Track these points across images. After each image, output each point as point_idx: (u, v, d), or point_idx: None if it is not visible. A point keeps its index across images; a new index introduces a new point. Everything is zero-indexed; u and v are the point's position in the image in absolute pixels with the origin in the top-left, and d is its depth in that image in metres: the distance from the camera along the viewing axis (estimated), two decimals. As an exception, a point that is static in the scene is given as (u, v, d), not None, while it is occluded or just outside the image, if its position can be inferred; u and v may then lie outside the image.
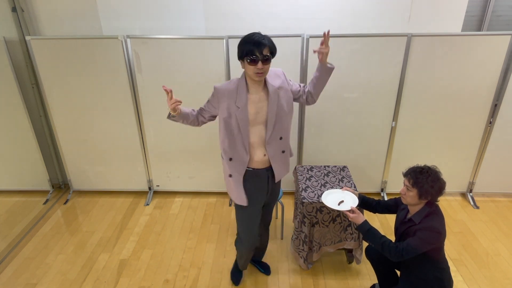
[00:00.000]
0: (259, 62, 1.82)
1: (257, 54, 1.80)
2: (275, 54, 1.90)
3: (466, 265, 2.72)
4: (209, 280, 2.63)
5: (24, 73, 3.36)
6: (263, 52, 1.81)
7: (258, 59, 1.82)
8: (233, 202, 2.35)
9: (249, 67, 1.86)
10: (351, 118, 3.25)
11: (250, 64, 1.84)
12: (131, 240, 3.06)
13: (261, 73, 1.87)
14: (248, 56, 1.82)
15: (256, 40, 1.81)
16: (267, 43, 1.82)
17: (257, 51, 1.80)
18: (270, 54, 1.85)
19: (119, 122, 3.36)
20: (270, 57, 1.86)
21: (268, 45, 1.83)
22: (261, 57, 1.82)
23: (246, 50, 1.82)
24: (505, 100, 3.11)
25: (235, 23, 3.24)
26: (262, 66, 1.84)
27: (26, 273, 2.73)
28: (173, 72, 3.12)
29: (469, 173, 3.47)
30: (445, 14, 3.16)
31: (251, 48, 1.80)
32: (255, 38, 1.82)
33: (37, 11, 3.24)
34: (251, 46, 1.80)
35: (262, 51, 1.81)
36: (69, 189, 3.82)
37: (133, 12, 3.24)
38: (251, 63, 1.83)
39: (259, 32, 1.87)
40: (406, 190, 1.90)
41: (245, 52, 1.82)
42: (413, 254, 1.84)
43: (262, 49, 1.81)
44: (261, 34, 1.85)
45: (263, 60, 1.83)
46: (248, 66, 1.86)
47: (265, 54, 1.82)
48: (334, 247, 2.61)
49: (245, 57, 1.84)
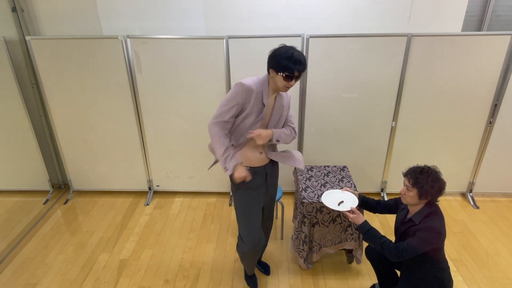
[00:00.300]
0: (293, 80, 1.92)
1: (297, 73, 1.91)
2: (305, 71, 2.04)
3: (466, 265, 2.72)
4: (209, 280, 2.63)
5: (24, 73, 3.36)
6: (300, 72, 1.92)
7: (293, 77, 1.91)
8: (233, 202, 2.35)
9: (282, 81, 1.93)
10: (351, 118, 3.25)
11: (284, 80, 1.92)
12: (131, 240, 3.06)
13: (288, 88, 1.97)
14: (286, 72, 1.90)
15: (298, 60, 1.89)
16: (304, 63, 1.93)
17: (296, 71, 1.90)
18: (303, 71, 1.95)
19: (119, 122, 3.36)
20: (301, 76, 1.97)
21: (305, 65, 1.94)
22: (297, 75, 1.92)
23: (285, 67, 1.89)
24: (505, 100, 3.11)
25: (235, 23, 3.24)
26: (294, 83, 1.95)
27: (26, 273, 2.73)
28: (173, 72, 3.12)
29: (469, 173, 3.47)
30: (445, 14, 3.16)
31: (292, 66, 1.88)
32: (297, 57, 1.89)
33: (37, 11, 3.24)
34: (292, 65, 1.88)
35: (300, 70, 1.91)
36: (69, 189, 3.82)
37: (133, 12, 3.24)
38: (286, 79, 1.92)
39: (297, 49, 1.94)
40: (406, 190, 1.90)
41: (285, 68, 1.89)
42: (413, 254, 1.84)
43: (301, 70, 1.91)
44: (301, 52, 1.93)
45: (297, 78, 1.94)
46: (280, 79, 1.93)
47: (301, 73, 1.93)
48: (335, 248, 2.61)
49: (282, 71, 1.90)
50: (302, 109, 3.24)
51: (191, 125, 3.34)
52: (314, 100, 3.18)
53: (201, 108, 3.25)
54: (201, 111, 3.26)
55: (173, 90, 3.20)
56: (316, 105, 3.20)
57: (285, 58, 1.89)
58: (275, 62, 1.91)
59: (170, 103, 3.25)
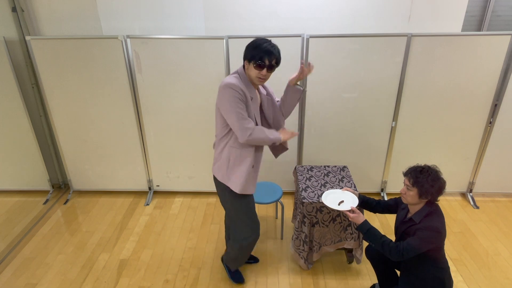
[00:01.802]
0: (264, 69, 1.94)
1: (267, 62, 1.93)
2: (279, 65, 2.02)
3: (466, 265, 2.72)
4: (209, 280, 2.63)
5: (24, 73, 3.36)
6: (272, 62, 1.95)
7: (264, 65, 1.93)
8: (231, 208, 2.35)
9: (253, 70, 1.96)
10: (351, 118, 3.25)
11: (255, 68, 1.95)
12: (131, 240, 3.06)
13: (263, 79, 1.99)
14: (257, 60, 1.92)
15: (267, 49, 1.92)
16: (276, 54, 1.95)
17: (267, 59, 1.92)
18: (275, 63, 1.97)
19: (119, 122, 3.36)
20: (274, 67, 1.98)
21: (277, 55, 1.96)
22: (269, 65, 1.94)
23: (256, 55, 1.93)
24: (505, 100, 3.12)
25: (235, 23, 3.24)
26: (266, 73, 1.96)
27: (26, 273, 2.73)
28: (173, 72, 3.12)
29: (469, 173, 3.47)
30: (445, 14, 3.16)
31: (261, 55, 1.92)
32: (266, 47, 1.93)
33: (37, 11, 3.24)
34: (261, 53, 1.92)
35: (271, 60, 1.93)
36: (69, 189, 3.82)
37: (133, 12, 3.24)
38: (257, 68, 1.94)
39: (269, 40, 1.98)
40: (406, 190, 1.90)
41: (255, 56, 1.93)
42: (413, 254, 1.84)
43: (272, 58, 1.93)
44: (271, 43, 1.97)
45: (269, 68, 1.95)
46: (252, 69, 1.97)
47: (273, 63, 1.96)
48: (334, 246, 2.61)
49: (253, 60, 1.94)
50: (302, 109, 3.24)
51: (191, 125, 3.34)
52: (314, 100, 3.19)
53: (201, 108, 3.25)
54: (201, 111, 3.26)
55: (173, 90, 3.20)
56: (316, 105, 3.21)
57: (256, 47, 1.93)
58: (248, 52, 1.96)
59: (170, 103, 3.25)
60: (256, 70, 1.95)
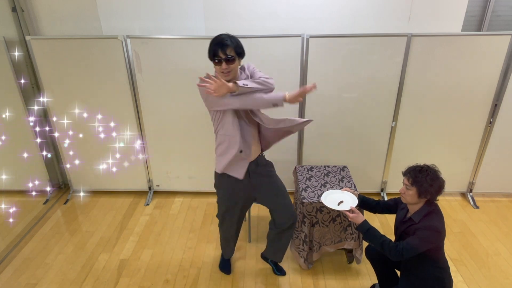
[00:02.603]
0: (223, 63, 1.89)
1: (221, 55, 1.87)
2: (242, 55, 1.96)
3: (466, 265, 2.72)
4: (209, 280, 2.63)
5: (24, 73, 3.36)
6: (227, 52, 1.87)
7: (221, 60, 1.89)
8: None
9: (215, 67, 1.94)
10: (351, 118, 3.25)
11: (216, 64, 1.92)
12: (131, 240, 3.06)
13: (227, 73, 1.94)
14: (213, 56, 1.90)
15: (219, 41, 1.88)
16: (230, 43, 1.88)
17: (220, 52, 1.87)
18: (235, 54, 1.91)
19: (119, 122, 3.36)
20: (234, 57, 1.91)
21: (232, 46, 1.89)
22: (225, 58, 1.88)
23: (211, 51, 1.90)
24: (505, 100, 3.11)
25: (235, 23, 3.24)
26: (227, 66, 1.91)
27: (26, 273, 2.73)
28: (173, 72, 3.12)
29: (469, 173, 3.47)
30: (445, 14, 3.16)
31: (214, 48, 1.88)
32: (218, 39, 1.89)
33: (37, 11, 3.24)
34: (214, 47, 1.89)
35: (225, 52, 1.87)
36: (69, 189, 3.82)
37: (133, 12, 3.24)
38: (216, 64, 1.92)
39: (227, 33, 1.94)
40: (406, 189, 1.90)
41: (210, 52, 1.91)
42: (413, 253, 1.84)
43: (225, 50, 1.87)
44: (228, 35, 1.92)
45: (227, 60, 1.89)
46: (215, 66, 1.94)
47: (228, 54, 1.88)
48: (334, 247, 2.61)
49: (210, 57, 1.92)
50: (302, 109, 3.24)
51: (191, 125, 3.34)
52: (314, 100, 3.19)
53: (201, 108, 3.24)
54: (201, 111, 3.25)
55: (173, 90, 3.20)
56: (316, 105, 3.20)
57: (210, 44, 1.91)
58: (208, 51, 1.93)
59: (170, 103, 3.25)
60: (217, 67, 1.92)
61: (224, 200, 2.30)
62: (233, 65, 1.93)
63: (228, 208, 2.32)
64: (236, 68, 1.97)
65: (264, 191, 2.30)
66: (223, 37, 1.90)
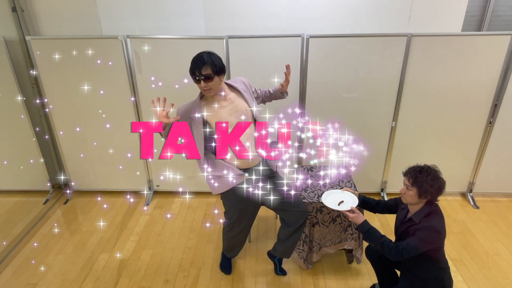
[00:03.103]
0: (201, 81, 1.95)
1: (197, 73, 1.93)
2: (220, 72, 1.99)
3: (466, 265, 2.72)
4: (209, 280, 2.63)
5: (24, 73, 3.36)
6: (202, 71, 1.92)
7: (199, 78, 1.94)
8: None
9: (197, 85, 2.00)
10: (351, 118, 3.25)
11: (195, 82, 1.99)
12: (131, 240, 3.06)
13: (208, 90, 2.00)
14: (191, 75, 1.97)
15: (196, 59, 1.94)
16: (207, 62, 1.92)
17: (197, 71, 1.93)
18: (212, 73, 1.94)
19: (119, 122, 3.36)
20: (212, 76, 1.95)
21: (209, 64, 1.92)
22: (202, 76, 1.93)
23: (190, 70, 1.96)
24: (505, 100, 3.11)
25: (235, 23, 3.24)
26: (205, 84, 1.96)
27: (26, 273, 2.73)
28: (173, 72, 3.12)
29: (469, 173, 3.47)
30: (445, 14, 3.16)
31: (192, 67, 1.94)
32: (197, 57, 1.95)
33: (37, 11, 3.24)
34: (192, 65, 1.95)
35: (201, 71, 1.92)
36: (69, 189, 3.82)
37: (133, 12, 3.24)
38: (196, 82, 1.98)
39: (208, 50, 1.98)
40: (406, 190, 1.90)
41: (190, 71, 1.97)
42: (413, 254, 1.83)
43: (201, 68, 1.92)
44: (207, 52, 1.96)
45: (205, 79, 1.94)
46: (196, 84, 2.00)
47: (204, 73, 1.93)
48: (334, 248, 2.61)
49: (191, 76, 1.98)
50: (302, 109, 3.23)
51: (191, 125, 3.34)
52: (314, 100, 3.18)
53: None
54: (201, 111, 3.25)
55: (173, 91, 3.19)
56: (316, 105, 3.20)
57: (191, 62, 1.96)
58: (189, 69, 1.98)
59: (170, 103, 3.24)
60: (197, 84, 1.99)
61: (235, 209, 2.31)
62: (212, 83, 1.98)
63: (240, 215, 2.32)
64: (216, 86, 2.01)
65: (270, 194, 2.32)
66: (202, 55, 1.94)
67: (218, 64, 1.96)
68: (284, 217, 2.38)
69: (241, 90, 2.17)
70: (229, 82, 2.20)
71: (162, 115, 1.96)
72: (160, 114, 1.96)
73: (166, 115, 1.97)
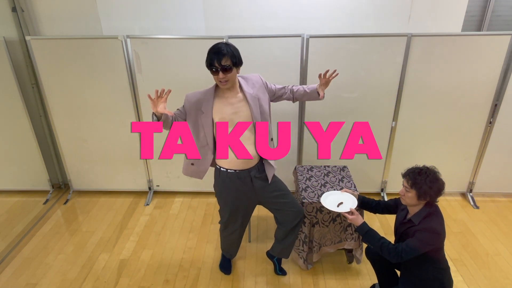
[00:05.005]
0: (219, 72, 1.91)
1: (217, 64, 1.89)
2: (239, 64, 1.97)
3: (466, 265, 2.72)
4: (209, 280, 2.63)
5: (24, 73, 3.36)
6: (222, 62, 1.89)
7: (218, 69, 1.91)
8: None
9: (213, 76, 1.96)
10: (351, 118, 3.25)
11: (213, 74, 1.95)
12: (131, 240, 3.07)
13: (224, 82, 1.96)
14: (209, 66, 1.92)
15: (215, 50, 1.89)
16: (226, 52, 1.89)
17: (216, 62, 1.89)
18: (231, 63, 1.92)
19: (119, 122, 3.36)
20: (231, 67, 1.92)
21: (228, 55, 1.90)
22: (220, 67, 1.90)
23: (208, 60, 1.92)
24: (505, 100, 3.11)
25: (235, 23, 3.24)
26: (224, 75, 1.92)
27: (26, 273, 2.73)
28: (173, 72, 3.12)
29: (469, 173, 3.47)
30: (445, 14, 3.16)
31: (211, 57, 1.90)
32: (215, 48, 1.91)
33: (37, 11, 3.24)
34: (211, 55, 1.90)
35: (221, 61, 1.89)
36: (69, 189, 3.82)
37: (133, 12, 3.24)
38: (214, 73, 1.94)
39: (225, 41, 1.96)
40: (405, 191, 1.90)
41: (207, 62, 1.93)
42: (412, 255, 1.83)
43: (221, 59, 1.88)
44: (224, 43, 1.92)
45: (223, 70, 1.91)
46: (212, 75, 1.97)
47: (224, 64, 1.90)
48: (334, 247, 2.61)
49: (207, 66, 1.94)
50: (302, 109, 3.24)
51: (191, 125, 3.34)
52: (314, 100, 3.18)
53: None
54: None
55: (173, 90, 3.20)
56: (316, 105, 3.20)
57: (208, 53, 1.92)
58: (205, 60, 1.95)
59: (170, 103, 3.25)
60: (214, 76, 1.95)
61: (227, 207, 2.31)
62: (230, 74, 1.95)
63: (232, 214, 2.32)
64: (233, 77, 1.99)
65: (266, 193, 2.31)
66: (220, 46, 1.90)
67: (237, 55, 1.95)
68: (279, 216, 2.38)
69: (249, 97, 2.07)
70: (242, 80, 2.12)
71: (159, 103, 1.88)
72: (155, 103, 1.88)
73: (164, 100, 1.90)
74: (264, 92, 2.17)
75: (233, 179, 2.19)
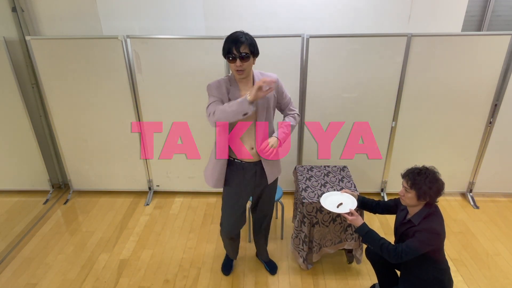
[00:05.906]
0: (237, 60, 1.89)
1: (235, 52, 1.87)
2: (256, 53, 1.97)
3: (466, 265, 2.72)
4: (209, 280, 2.63)
5: (24, 73, 3.36)
6: (241, 50, 1.87)
7: (236, 57, 1.89)
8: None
9: (230, 64, 1.95)
10: (351, 118, 3.25)
11: (230, 62, 1.93)
12: (131, 240, 3.07)
13: (241, 71, 1.94)
14: (226, 54, 1.91)
15: (234, 38, 1.88)
16: (244, 40, 1.88)
17: (234, 49, 1.87)
18: (249, 52, 1.91)
19: (119, 122, 3.36)
20: (248, 55, 1.91)
21: (246, 43, 1.89)
22: (239, 55, 1.88)
23: (226, 48, 1.90)
24: (505, 100, 3.11)
25: (235, 23, 3.24)
26: (241, 63, 1.91)
27: (26, 273, 2.73)
28: (173, 72, 3.12)
29: (469, 173, 3.47)
30: (445, 14, 3.16)
31: (229, 45, 1.88)
32: (233, 36, 1.89)
33: (37, 11, 3.24)
34: (229, 44, 1.88)
35: (239, 49, 1.87)
36: (69, 189, 3.82)
37: (133, 12, 3.24)
38: (230, 61, 1.92)
39: (242, 30, 1.94)
40: (405, 192, 1.90)
41: (224, 49, 1.91)
42: (412, 256, 1.83)
43: (239, 47, 1.87)
44: (242, 32, 1.91)
45: (241, 58, 1.89)
46: (229, 64, 1.95)
47: (242, 51, 1.88)
48: (334, 248, 2.61)
49: (224, 54, 1.92)
50: (302, 109, 3.24)
51: (191, 125, 3.34)
52: (314, 100, 3.18)
53: (201, 108, 3.24)
54: (201, 111, 3.25)
55: (173, 90, 3.20)
56: (316, 105, 3.20)
57: (225, 41, 1.91)
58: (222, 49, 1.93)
59: (170, 103, 3.25)
60: (231, 64, 1.93)
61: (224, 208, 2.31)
62: (247, 63, 1.94)
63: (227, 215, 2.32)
64: (249, 67, 1.98)
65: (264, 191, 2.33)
66: (238, 34, 1.89)
67: (254, 44, 1.94)
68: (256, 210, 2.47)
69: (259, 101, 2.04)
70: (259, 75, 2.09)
71: None
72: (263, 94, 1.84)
73: None
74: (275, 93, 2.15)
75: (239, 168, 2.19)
